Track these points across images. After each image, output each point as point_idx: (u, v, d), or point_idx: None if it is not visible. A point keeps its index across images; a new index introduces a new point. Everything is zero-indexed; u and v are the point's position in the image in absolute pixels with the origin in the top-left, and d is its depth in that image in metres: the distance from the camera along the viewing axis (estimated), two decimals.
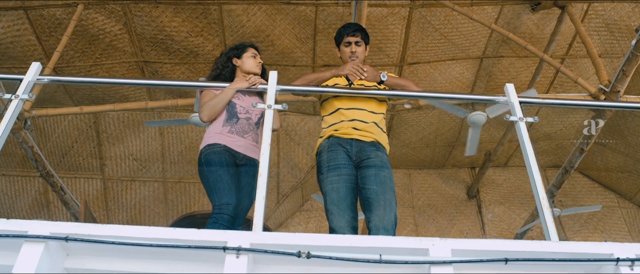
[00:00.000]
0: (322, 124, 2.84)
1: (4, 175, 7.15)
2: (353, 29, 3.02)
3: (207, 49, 6.12)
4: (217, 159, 2.56)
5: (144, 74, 6.40)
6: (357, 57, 2.95)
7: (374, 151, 2.66)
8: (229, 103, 2.74)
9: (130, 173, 7.37)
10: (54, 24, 5.73)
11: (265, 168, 2.16)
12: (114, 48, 6.08)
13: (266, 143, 2.24)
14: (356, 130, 2.71)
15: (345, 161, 2.62)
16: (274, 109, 2.36)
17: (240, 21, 5.85)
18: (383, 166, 2.61)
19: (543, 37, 6.24)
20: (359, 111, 2.75)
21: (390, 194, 2.53)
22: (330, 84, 2.86)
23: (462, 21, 5.99)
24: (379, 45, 6.17)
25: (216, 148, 2.62)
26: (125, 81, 4.77)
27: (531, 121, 2.46)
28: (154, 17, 5.77)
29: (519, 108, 2.49)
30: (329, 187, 2.56)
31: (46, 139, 7.11)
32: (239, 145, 2.67)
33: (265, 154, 2.20)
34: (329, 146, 2.69)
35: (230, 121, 2.71)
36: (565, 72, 4.92)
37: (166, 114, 6.73)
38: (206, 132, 2.74)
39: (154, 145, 7.18)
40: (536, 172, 2.24)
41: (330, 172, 2.59)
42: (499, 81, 6.86)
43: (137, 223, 7.61)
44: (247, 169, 2.67)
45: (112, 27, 5.86)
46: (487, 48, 6.40)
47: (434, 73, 6.62)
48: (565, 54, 6.51)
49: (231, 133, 2.68)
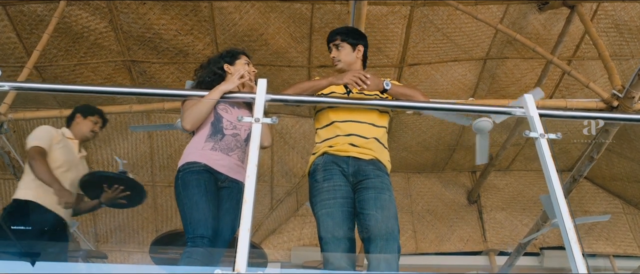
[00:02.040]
0: (316, 138, 2.53)
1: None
2: (333, 33, 2.72)
3: (197, 48, 5.82)
4: (195, 181, 2.25)
5: (131, 74, 6.10)
6: (340, 61, 2.65)
7: (373, 171, 2.36)
8: (215, 116, 2.43)
9: None
10: (36, 21, 5.42)
11: (251, 194, 1.87)
12: (99, 47, 5.77)
13: (252, 163, 1.94)
14: (354, 146, 2.41)
15: (341, 182, 2.32)
16: (262, 123, 2.07)
17: (232, 19, 5.55)
18: (384, 188, 2.31)
19: (550, 38, 5.96)
20: (357, 125, 2.45)
21: (392, 221, 2.24)
22: (327, 92, 2.57)
23: (466, 21, 5.70)
24: (378, 46, 5.88)
25: (195, 167, 2.31)
26: (97, 88, 4.42)
27: (554, 138, 2.17)
28: (140, 15, 5.47)
29: (539, 122, 2.19)
30: (322, 213, 2.26)
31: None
32: (222, 165, 2.36)
33: (251, 177, 1.91)
34: (322, 165, 2.39)
35: (214, 137, 2.40)
36: (575, 76, 4.64)
37: (155, 115, 6.43)
38: (186, 147, 2.44)
39: (143, 148, 6.88)
40: (562, 200, 1.96)
41: (323, 194, 2.29)
42: (503, 83, 6.59)
43: (125, 229, 7.32)
44: (229, 193, 2.36)
45: (97, 24, 5.55)
46: (491, 49, 6.12)
47: (435, 75, 6.33)
48: (572, 55, 6.23)
49: (214, 150, 2.37)
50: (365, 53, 2.78)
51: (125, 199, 3.18)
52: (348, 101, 2.45)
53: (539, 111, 2.26)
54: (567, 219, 1.92)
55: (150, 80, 6.20)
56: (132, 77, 6.13)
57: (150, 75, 6.11)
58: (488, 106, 2.57)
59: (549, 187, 2.04)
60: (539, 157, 2.13)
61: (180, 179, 2.29)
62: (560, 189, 2.02)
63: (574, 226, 1.93)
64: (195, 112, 2.39)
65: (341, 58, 2.64)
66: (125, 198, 3.18)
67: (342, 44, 2.66)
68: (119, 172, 3.73)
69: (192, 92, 2.55)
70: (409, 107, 2.51)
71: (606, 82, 6.36)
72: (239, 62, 2.63)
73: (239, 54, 2.67)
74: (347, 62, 2.64)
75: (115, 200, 3.18)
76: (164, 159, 6.87)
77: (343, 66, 2.64)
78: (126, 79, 6.19)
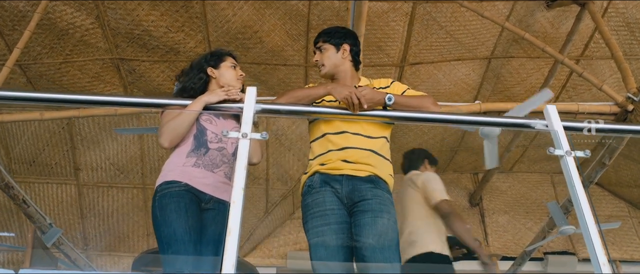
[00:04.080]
0: (309, 153, 2.26)
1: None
2: (317, 36, 2.50)
3: (188, 46, 5.55)
4: (174, 205, 1.98)
5: (119, 73, 5.82)
6: (324, 66, 2.40)
7: (370, 190, 2.08)
8: (198, 128, 2.16)
9: (107, 179, 6.80)
10: (18, 17, 5.14)
11: (236, 223, 1.61)
12: (86, 44, 5.50)
13: (238, 186, 1.68)
14: (347, 163, 2.13)
15: (334, 206, 2.06)
16: (250, 139, 1.80)
17: (225, 16, 5.27)
18: (382, 210, 2.03)
19: (558, 36, 5.70)
20: (351, 137, 2.17)
21: (390, 252, 1.97)
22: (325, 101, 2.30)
23: (471, 18, 5.44)
24: (378, 44, 5.61)
25: (174, 188, 2.03)
26: (72, 97, 4.10)
27: (582, 156, 1.91)
28: (129, 11, 5.19)
29: (565, 138, 1.93)
30: (315, 241, 2.01)
31: (15, 142, 6.52)
32: (206, 183, 2.09)
33: (236, 202, 1.65)
34: (314, 186, 2.12)
35: (198, 152, 2.12)
36: (588, 78, 4.38)
37: (145, 117, 6.15)
38: (165, 163, 2.17)
39: (133, 149, 6.61)
40: (593, 230, 1.70)
41: (315, 220, 2.03)
42: (508, 83, 6.33)
43: (115, 232, 7.07)
44: (214, 216, 2.08)
45: (82, 21, 5.27)
46: (496, 48, 5.85)
47: (438, 74, 6.07)
48: (580, 55, 5.97)
49: (197, 167, 2.10)
50: (357, 52, 2.50)
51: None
52: (348, 112, 2.16)
53: (564, 123, 2.00)
54: (599, 253, 1.67)
55: (140, 79, 5.93)
56: (121, 75, 5.86)
57: (139, 74, 5.84)
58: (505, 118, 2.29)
59: (578, 213, 1.79)
60: (566, 177, 1.88)
61: (157, 202, 2.02)
62: (591, 215, 1.77)
63: (608, 259, 1.69)
64: (174, 127, 2.12)
65: (324, 62, 2.39)
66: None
67: (325, 45, 2.40)
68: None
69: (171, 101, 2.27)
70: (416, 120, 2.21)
71: (615, 83, 6.11)
72: (224, 65, 2.36)
73: (225, 55, 2.40)
74: (331, 65, 2.38)
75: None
76: (155, 161, 6.60)
77: (329, 70, 2.38)
78: (115, 77, 5.92)
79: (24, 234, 6.82)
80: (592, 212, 1.81)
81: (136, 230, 7.02)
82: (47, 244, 4.65)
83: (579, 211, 1.80)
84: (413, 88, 6.40)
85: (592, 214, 1.77)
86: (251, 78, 5.90)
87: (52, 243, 5.24)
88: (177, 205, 1.98)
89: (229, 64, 2.39)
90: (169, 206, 1.98)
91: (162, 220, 1.96)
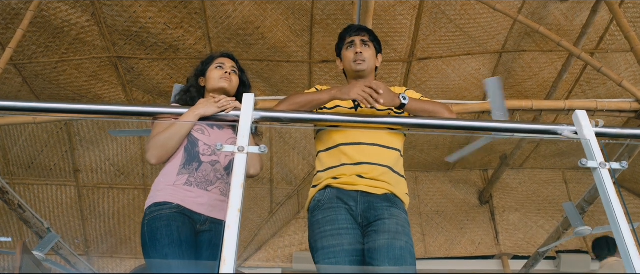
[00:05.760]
0: (317, 164, 2.05)
1: None
2: (357, 27, 2.26)
3: (188, 43, 5.36)
4: (164, 230, 1.77)
5: (117, 71, 5.64)
6: (364, 61, 2.17)
7: (387, 209, 1.89)
8: (189, 140, 1.95)
9: (107, 180, 6.64)
10: (11, 15, 4.96)
11: (231, 251, 1.42)
12: (82, 42, 5.31)
13: (234, 208, 1.49)
14: (362, 178, 1.94)
15: (347, 224, 1.85)
16: (247, 153, 1.61)
17: (226, 11, 5.08)
18: (399, 231, 1.84)
19: (572, 29, 5.47)
20: (367, 149, 1.97)
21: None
22: (330, 106, 2.10)
23: (481, 11, 5.22)
24: (385, 39, 5.39)
25: (165, 210, 1.83)
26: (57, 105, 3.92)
27: (619, 168, 1.71)
28: (125, 7, 5.00)
29: (598, 148, 1.73)
30: (326, 263, 1.80)
31: (12, 143, 6.37)
32: (200, 203, 1.89)
33: (232, 227, 1.46)
34: (325, 201, 1.92)
35: (189, 167, 1.92)
36: (607, 73, 4.16)
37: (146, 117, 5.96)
38: (155, 182, 1.97)
39: (133, 149, 6.44)
40: (634, 253, 1.51)
41: (326, 240, 1.83)
42: (519, 78, 6.11)
43: (116, 234, 6.91)
44: (210, 238, 1.88)
45: (78, 18, 5.09)
46: (508, 41, 5.63)
47: (447, 69, 5.86)
48: (595, 48, 5.74)
49: (189, 185, 1.89)
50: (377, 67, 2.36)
51: None
52: (356, 120, 1.96)
53: (596, 129, 1.79)
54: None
55: (139, 77, 5.75)
56: (119, 74, 5.68)
57: (138, 72, 5.66)
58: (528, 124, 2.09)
59: (615, 231, 1.59)
60: (599, 190, 1.68)
61: (147, 226, 1.82)
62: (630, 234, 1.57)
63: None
64: (163, 142, 1.92)
65: (367, 57, 2.19)
66: None
67: (370, 43, 2.20)
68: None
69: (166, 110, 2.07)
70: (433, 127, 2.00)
71: (631, 77, 5.90)
72: (210, 69, 2.16)
73: (214, 58, 2.19)
74: (371, 65, 2.19)
75: None
76: None
77: (368, 68, 2.18)
78: (113, 76, 5.74)
79: (24, 236, 6.68)
80: (631, 229, 1.61)
81: (138, 232, 6.83)
82: (43, 252, 4.48)
83: (616, 228, 1.60)
84: (421, 84, 6.19)
85: (632, 233, 1.57)
86: (253, 75, 5.70)
87: (51, 248, 5.09)
88: (169, 229, 1.78)
89: (214, 65, 2.19)
90: (159, 231, 1.78)
91: (153, 247, 1.77)
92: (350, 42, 2.23)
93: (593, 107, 3.98)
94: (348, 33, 2.25)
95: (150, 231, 1.80)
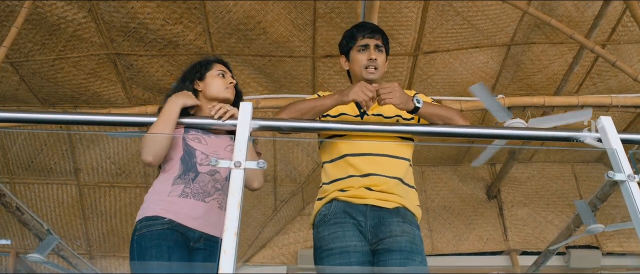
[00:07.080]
0: (322, 175, 1.92)
1: None
2: (370, 28, 2.09)
3: (188, 39, 5.22)
4: (154, 248, 1.64)
5: (116, 68, 5.51)
6: (376, 69, 2.01)
7: (399, 224, 1.77)
8: (185, 149, 1.82)
9: (108, 178, 6.54)
10: (5, 12, 4.83)
11: None
12: (79, 39, 5.18)
13: (231, 231, 1.36)
14: (372, 191, 1.80)
15: (356, 241, 1.73)
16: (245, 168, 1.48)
17: (226, 6, 4.93)
18: (413, 250, 1.72)
19: (583, 20, 5.30)
20: (376, 160, 1.83)
21: None
22: (334, 114, 1.95)
23: (489, 3, 5.06)
24: (390, 32, 5.19)
25: (156, 226, 1.69)
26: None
27: None
28: (123, 3, 4.86)
29: (626, 158, 1.59)
30: None
31: (11, 142, 6.27)
32: (195, 217, 1.74)
33: (228, 252, 1.33)
34: (331, 216, 1.78)
35: (185, 177, 1.78)
36: (622, 67, 4.01)
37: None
38: (148, 192, 1.84)
39: (134, 148, 6.33)
40: None
41: (333, 258, 1.70)
42: (528, 71, 5.95)
43: (118, 233, 6.82)
44: (205, 257, 1.73)
45: (74, 14, 4.95)
46: (517, 33, 5.47)
47: (454, 63, 5.70)
48: (606, 39, 5.57)
49: (184, 197, 1.75)
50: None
51: None
52: (361, 127, 1.82)
53: (621, 135, 1.64)
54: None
55: (138, 74, 5.61)
56: (118, 71, 5.55)
57: (137, 69, 5.53)
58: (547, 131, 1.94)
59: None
60: (628, 206, 1.54)
61: (136, 243, 1.68)
62: None
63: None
64: (153, 137, 1.78)
65: (380, 65, 2.03)
66: None
67: (383, 47, 2.06)
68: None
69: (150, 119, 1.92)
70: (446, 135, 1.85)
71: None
72: (210, 74, 2.02)
73: (211, 63, 2.05)
74: (381, 74, 2.03)
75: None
76: None
77: (380, 76, 2.02)
78: (112, 73, 5.61)
79: (24, 237, 6.60)
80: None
81: None
82: (43, 254, 4.38)
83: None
84: (428, 78, 6.02)
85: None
86: (255, 71, 5.57)
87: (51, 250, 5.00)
88: (159, 249, 1.65)
89: (216, 72, 2.04)
90: (148, 251, 1.65)
91: (141, 268, 1.64)
92: (364, 45, 2.05)
93: (607, 102, 3.83)
94: (361, 33, 2.07)
95: (139, 250, 1.67)
